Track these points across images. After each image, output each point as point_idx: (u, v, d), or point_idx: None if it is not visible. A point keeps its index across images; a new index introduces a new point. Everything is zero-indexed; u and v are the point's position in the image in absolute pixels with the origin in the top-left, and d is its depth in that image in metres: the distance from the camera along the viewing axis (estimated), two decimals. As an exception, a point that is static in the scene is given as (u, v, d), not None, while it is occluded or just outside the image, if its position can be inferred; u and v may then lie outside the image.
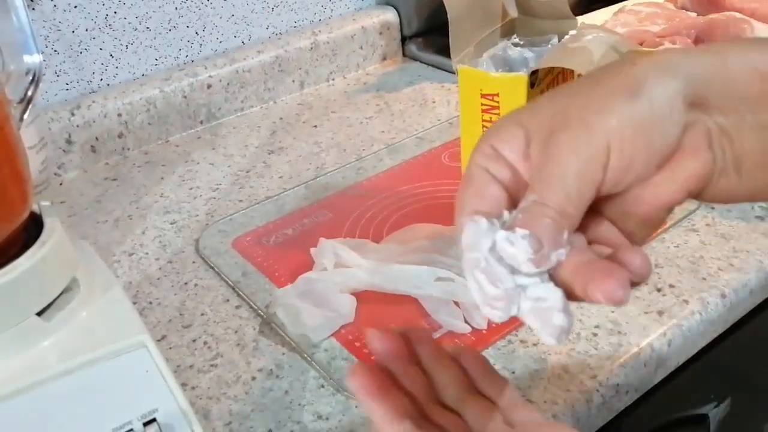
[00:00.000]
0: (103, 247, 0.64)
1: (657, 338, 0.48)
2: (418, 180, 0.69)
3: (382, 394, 0.32)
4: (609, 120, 0.27)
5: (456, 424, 0.33)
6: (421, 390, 0.34)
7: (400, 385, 0.34)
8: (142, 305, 0.56)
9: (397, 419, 0.32)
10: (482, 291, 0.29)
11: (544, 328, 0.28)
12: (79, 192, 0.75)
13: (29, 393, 0.34)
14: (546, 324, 0.28)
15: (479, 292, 0.29)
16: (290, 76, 0.91)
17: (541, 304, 0.28)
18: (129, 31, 0.81)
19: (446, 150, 0.74)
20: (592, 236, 0.30)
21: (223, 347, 0.51)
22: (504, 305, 0.28)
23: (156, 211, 0.70)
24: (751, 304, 0.55)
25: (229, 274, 0.58)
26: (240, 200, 0.70)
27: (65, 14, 0.76)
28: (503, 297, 0.28)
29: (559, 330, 0.28)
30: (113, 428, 0.35)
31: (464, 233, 0.29)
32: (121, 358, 0.36)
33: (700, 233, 0.57)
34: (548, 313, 0.28)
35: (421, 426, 0.32)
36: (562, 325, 0.28)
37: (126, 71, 0.82)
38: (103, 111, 0.78)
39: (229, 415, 0.46)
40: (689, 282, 0.52)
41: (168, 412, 0.36)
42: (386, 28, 0.98)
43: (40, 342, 0.36)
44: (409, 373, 0.35)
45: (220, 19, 0.87)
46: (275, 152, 0.78)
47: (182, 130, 0.85)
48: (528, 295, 0.28)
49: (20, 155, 0.37)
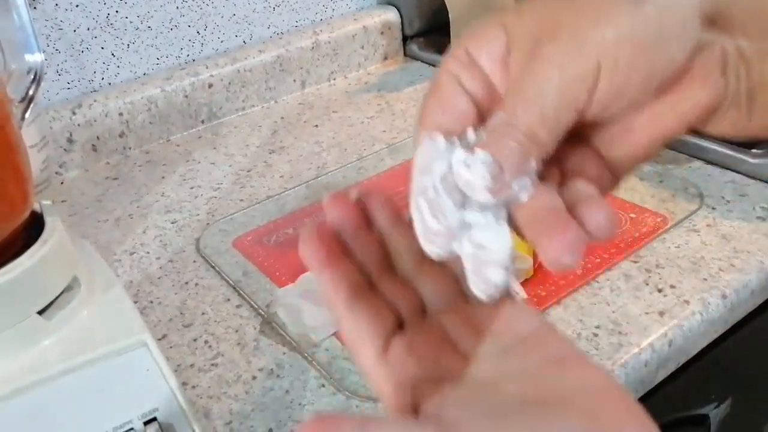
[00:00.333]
0: (103, 246, 0.64)
1: (658, 338, 0.48)
2: (419, 180, 0.69)
3: (329, 262, 0.30)
4: (605, 33, 0.23)
5: (406, 296, 0.31)
6: (373, 258, 0.31)
7: (352, 253, 0.31)
8: (143, 304, 0.56)
9: (341, 288, 0.29)
10: (423, 222, 0.26)
11: (476, 281, 0.25)
12: (80, 191, 0.75)
13: (30, 392, 0.34)
14: (480, 276, 0.25)
15: (420, 222, 0.26)
16: (291, 75, 0.91)
17: (481, 254, 0.25)
18: (130, 31, 0.81)
19: (447, 150, 0.74)
20: (569, 165, 0.27)
21: (224, 347, 0.51)
22: (443, 242, 0.26)
23: (157, 210, 0.70)
24: (752, 304, 0.55)
25: (229, 274, 0.58)
26: (241, 199, 0.70)
27: (67, 13, 0.76)
28: (443, 233, 0.25)
29: (493, 287, 0.25)
30: (114, 427, 0.35)
31: (418, 151, 0.26)
32: (121, 357, 0.36)
33: (701, 234, 0.57)
34: (486, 266, 0.25)
35: (365, 296, 0.30)
36: (497, 282, 0.25)
37: (127, 70, 0.82)
38: (104, 110, 0.78)
39: (229, 414, 0.46)
40: (690, 282, 0.52)
41: (168, 412, 0.36)
42: (387, 27, 0.98)
43: (40, 341, 0.36)
44: (362, 240, 0.31)
45: (221, 18, 0.87)
46: (276, 152, 0.78)
47: (183, 129, 0.85)
48: (472, 238, 0.25)
49: (21, 154, 0.37)
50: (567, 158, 0.27)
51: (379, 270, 0.31)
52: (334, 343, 0.50)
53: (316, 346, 0.50)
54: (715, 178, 0.64)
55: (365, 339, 0.29)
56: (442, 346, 0.29)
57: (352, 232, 0.31)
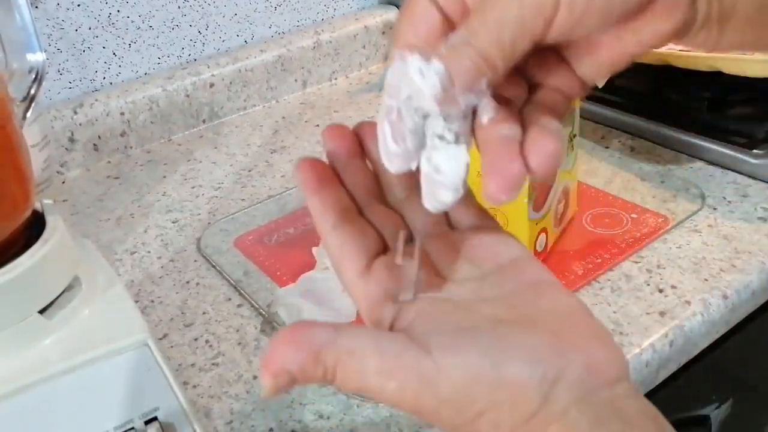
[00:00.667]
0: (105, 245, 0.64)
1: (659, 339, 0.48)
2: (420, 180, 0.69)
3: (321, 187, 0.31)
4: None
5: (392, 222, 0.32)
6: (364, 187, 0.32)
7: (344, 181, 0.32)
8: (144, 304, 0.56)
9: (329, 211, 0.30)
10: (385, 143, 0.27)
11: (428, 196, 0.27)
12: (81, 190, 0.75)
13: (31, 391, 0.34)
14: (431, 194, 0.27)
15: (382, 142, 0.28)
16: (293, 75, 0.91)
17: (435, 175, 0.27)
18: (132, 30, 0.81)
19: (448, 150, 0.74)
20: (539, 77, 0.29)
21: (225, 346, 0.51)
22: (400, 163, 0.27)
23: (158, 209, 0.70)
24: (753, 305, 0.54)
25: (230, 273, 0.58)
26: (242, 199, 0.70)
27: (68, 13, 0.76)
28: (401, 155, 0.27)
29: (442, 205, 0.27)
30: (114, 426, 0.35)
31: (389, 72, 0.27)
32: (122, 356, 0.36)
33: (703, 234, 0.57)
34: (438, 187, 0.27)
35: (353, 220, 0.31)
36: (446, 202, 0.27)
37: (129, 70, 0.82)
38: (105, 109, 0.78)
39: (230, 414, 0.46)
40: (691, 283, 0.52)
41: (169, 411, 0.36)
42: (389, 27, 0.98)
43: (41, 340, 0.36)
44: (354, 168, 0.32)
45: (223, 18, 0.87)
46: (277, 151, 0.78)
47: (185, 128, 0.85)
48: (430, 159, 0.27)
49: (23, 153, 0.37)
50: (535, 67, 0.28)
51: (368, 197, 0.32)
52: (335, 343, 0.50)
53: (316, 346, 0.50)
54: (716, 179, 0.64)
55: (349, 256, 0.30)
56: (424, 268, 0.30)
57: (345, 161, 0.32)
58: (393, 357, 0.25)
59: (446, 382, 0.24)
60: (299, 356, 0.24)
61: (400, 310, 0.28)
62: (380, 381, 0.24)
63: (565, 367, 0.25)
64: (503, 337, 0.25)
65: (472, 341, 0.25)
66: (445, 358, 0.25)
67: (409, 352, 0.25)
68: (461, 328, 0.26)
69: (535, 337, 0.25)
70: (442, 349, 0.25)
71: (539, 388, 0.24)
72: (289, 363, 0.24)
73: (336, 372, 0.25)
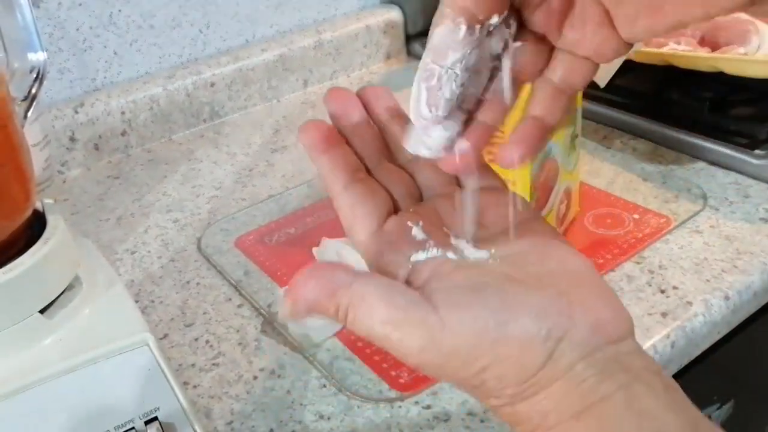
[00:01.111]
0: (105, 245, 0.64)
1: (660, 340, 0.48)
2: (421, 180, 0.69)
3: (328, 147, 0.31)
4: None
5: (402, 182, 0.32)
6: (371, 148, 0.33)
7: (351, 143, 0.33)
8: (144, 303, 0.56)
9: (338, 171, 0.31)
10: (418, 106, 0.28)
11: (410, 141, 0.29)
12: (82, 190, 0.75)
13: (31, 391, 0.34)
14: (415, 142, 0.29)
15: (415, 104, 0.28)
16: (294, 74, 0.91)
17: (424, 137, 0.29)
18: (133, 30, 0.81)
19: (450, 150, 0.74)
20: (573, 35, 0.28)
21: (225, 346, 0.51)
22: (429, 127, 0.28)
23: (158, 209, 0.70)
24: (755, 306, 0.54)
25: (231, 273, 0.58)
26: (243, 199, 0.70)
27: (69, 12, 0.76)
28: (431, 120, 0.28)
29: (419, 154, 0.29)
30: (115, 426, 0.35)
31: (436, 32, 0.27)
32: (122, 356, 0.36)
33: (704, 235, 0.57)
34: (422, 141, 0.29)
35: (363, 180, 0.31)
36: (423, 155, 0.29)
37: (130, 69, 0.82)
38: (106, 109, 0.78)
39: (230, 414, 0.46)
40: (693, 283, 0.52)
41: (169, 411, 0.36)
42: (390, 27, 0.98)
43: (42, 340, 0.36)
44: (361, 130, 0.33)
45: (224, 17, 0.87)
46: (278, 151, 0.78)
47: (185, 128, 0.85)
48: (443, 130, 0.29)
49: (24, 153, 0.37)
50: (574, 19, 0.28)
51: (376, 158, 0.33)
52: (336, 344, 0.50)
53: (317, 347, 0.50)
54: (718, 179, 0.64)
55: (361, 217, 0.31)
56: (435, 227, 0.31)
57: (351, 123, 0.33)
58: (400, 309, 0.26)
59: (450, 338, 0.25)
60: (317, 291, 0.27)
61: (414, 269, 0.29)
62: (386, 330, 0.26)
63: (571, 327, 0.25)
64: (510, 294, 0.26)
65: (480, 298, 0.26)
66: (451, 314, 0.26)
67: (417, 306, 0.26)
68: (470, 286, 0.27)
69: (541, 296, 0.26)
70: (449, 305, 0.26)
71: (544, 345, 0.25)
72: (308, 294, 0.27)
73: (347, 313, 0.26)
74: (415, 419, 0.44)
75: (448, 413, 0.44)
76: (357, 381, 0.47)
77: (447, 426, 0.43)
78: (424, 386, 0.46)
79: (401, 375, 0.47)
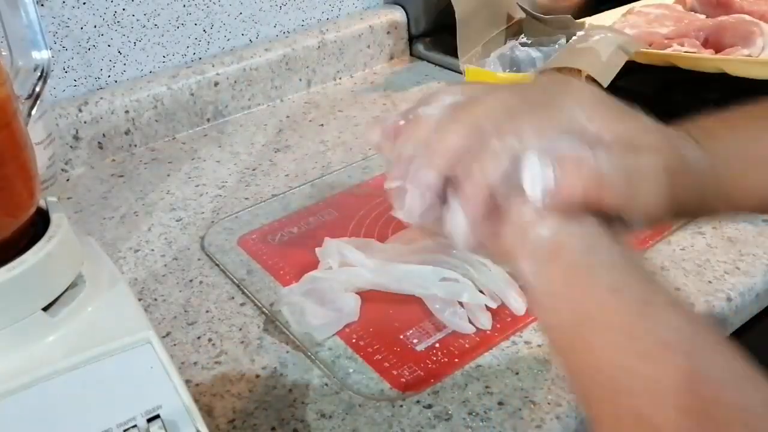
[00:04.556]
0: (108, 243, 0.64)
1: (662, 341, 0.48)
2: (424, 180, 0.69)
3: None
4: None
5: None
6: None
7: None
8: (147, 302, 0.56)
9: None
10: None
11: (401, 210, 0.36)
12: (85, 188, 0.75)
13: (34, 388, 0.34)
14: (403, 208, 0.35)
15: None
16: (297, 74, 0.91)
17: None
18: (137, 28, 0.81)
19: (452, 150, 0.74)
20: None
21: (228, 345, 0.51)
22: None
23: (162, 208, 0.70)
24: (758, 308, 0.54)
25: (234, 272, 0.59)
26: (246, 198, 0.70)
27: (74, 11, 0.76)
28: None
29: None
30: (117, 424, 0.35)
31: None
32: (125, 354, 0.36)
33: (707, 236, 0.57)
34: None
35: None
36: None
37: (134, 68, 0.83)
38: (110, 107, 0.78)
39: (232, 412, 0.46)
40: (695, 285, 0.52)
41: (172, 409, 0.36)
42: (394, 27, 0.98)
43: (45, 337, 0.36)
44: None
45: (228, 17, 0.87)
46: (281, 150, 0.79)
47: (189, 127, 0.85)
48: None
49: (28, 151, 0.37)
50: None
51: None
52: (338, 342, 0.50)
53: (319, 345, 0.50)
54: (721, 181, 0.64)
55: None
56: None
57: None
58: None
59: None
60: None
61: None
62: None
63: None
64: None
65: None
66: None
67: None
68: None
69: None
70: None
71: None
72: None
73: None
74: (416, 418, 0.44)
75: (450, 413, 0.44)
76: (358, 380, 0.47)
77: (448, 425, 0.43)
78: (426, 386, 0.46)
79: (403, 374, 0.47)
